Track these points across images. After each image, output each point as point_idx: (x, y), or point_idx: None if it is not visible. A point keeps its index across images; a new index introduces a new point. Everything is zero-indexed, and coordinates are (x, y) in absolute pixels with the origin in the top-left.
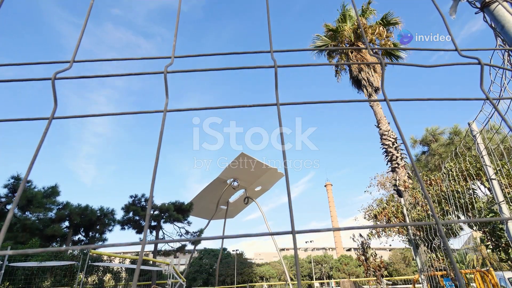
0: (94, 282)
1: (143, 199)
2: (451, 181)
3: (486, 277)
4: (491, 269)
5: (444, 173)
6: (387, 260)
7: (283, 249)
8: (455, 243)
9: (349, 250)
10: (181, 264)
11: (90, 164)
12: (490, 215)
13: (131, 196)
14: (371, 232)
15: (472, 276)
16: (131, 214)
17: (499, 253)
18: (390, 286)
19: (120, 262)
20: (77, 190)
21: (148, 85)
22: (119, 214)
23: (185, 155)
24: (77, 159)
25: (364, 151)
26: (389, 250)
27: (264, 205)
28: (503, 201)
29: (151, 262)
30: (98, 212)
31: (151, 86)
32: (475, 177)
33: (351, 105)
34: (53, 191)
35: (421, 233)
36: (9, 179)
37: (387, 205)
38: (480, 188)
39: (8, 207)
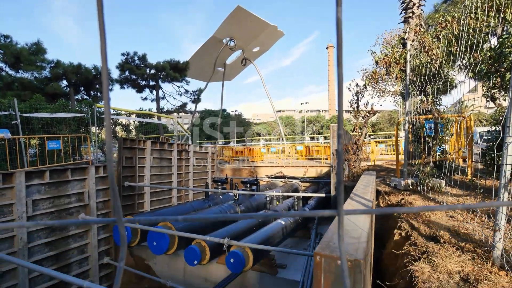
0: None
1: (136, 57)
2: (471, 15)
3: (462, 122)
4: (472, 115)
5: (466, 6)
6: (374, 120)
7: (279, 111)
8: (444, 102)
9: None
10: (185, 124)
11: (69, 21)
12: (504, 36)
13: (123, 54)
14: (368, 78)
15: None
16: (127, 73)
17: (495, 79)
18: (372, 138)
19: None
20: (65, 50)
21: None
22: (115, 73)
23: (178, 13)
24: (53, 16)
25: (374, 12)
26: (378, 112)
27: (263, 67)
28: None
29: (156, 117)
30: (93, 71)
31: None
32: (502, 10)
33: None
34: (38, 48)
35: (417, 79)
36: None
37: (391, 51)
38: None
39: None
